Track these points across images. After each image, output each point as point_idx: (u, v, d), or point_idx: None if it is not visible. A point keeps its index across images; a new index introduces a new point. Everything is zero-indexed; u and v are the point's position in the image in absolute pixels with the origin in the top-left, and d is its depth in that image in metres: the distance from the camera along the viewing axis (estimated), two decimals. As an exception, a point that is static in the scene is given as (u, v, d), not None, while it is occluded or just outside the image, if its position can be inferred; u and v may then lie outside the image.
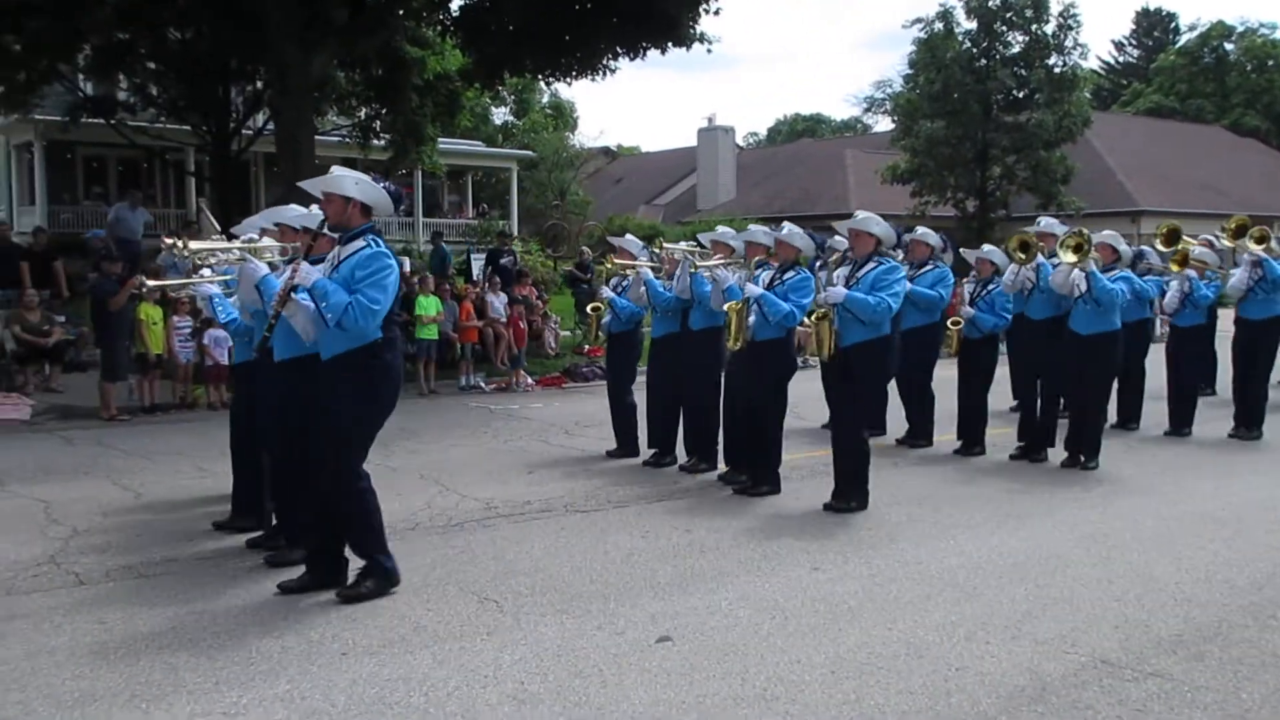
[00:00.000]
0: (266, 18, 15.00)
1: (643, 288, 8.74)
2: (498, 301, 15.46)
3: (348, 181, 5.33)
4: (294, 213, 6.44)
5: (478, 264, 20.51)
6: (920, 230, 10.03)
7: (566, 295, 20.50)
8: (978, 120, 29.86)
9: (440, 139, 23.14)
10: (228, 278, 6.57)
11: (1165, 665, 4.53)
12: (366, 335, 5.20)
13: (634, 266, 8.83)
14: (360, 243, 5.26)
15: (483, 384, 14.51)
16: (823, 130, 65.27)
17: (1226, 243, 9.59)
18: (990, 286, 9.26)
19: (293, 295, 5.14)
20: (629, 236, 9.95)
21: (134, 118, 21.18)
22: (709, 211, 38.89)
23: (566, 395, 14.08)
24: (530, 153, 35.85)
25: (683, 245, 9.18)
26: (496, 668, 4.47)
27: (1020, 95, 30.22)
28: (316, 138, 17.48)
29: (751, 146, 62.13)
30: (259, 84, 20.19)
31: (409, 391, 13.48)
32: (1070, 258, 8.26)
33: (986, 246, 9.92)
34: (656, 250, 8.98)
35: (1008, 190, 30.81)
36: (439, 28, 18.44)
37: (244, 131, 21.10)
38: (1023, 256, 8.54)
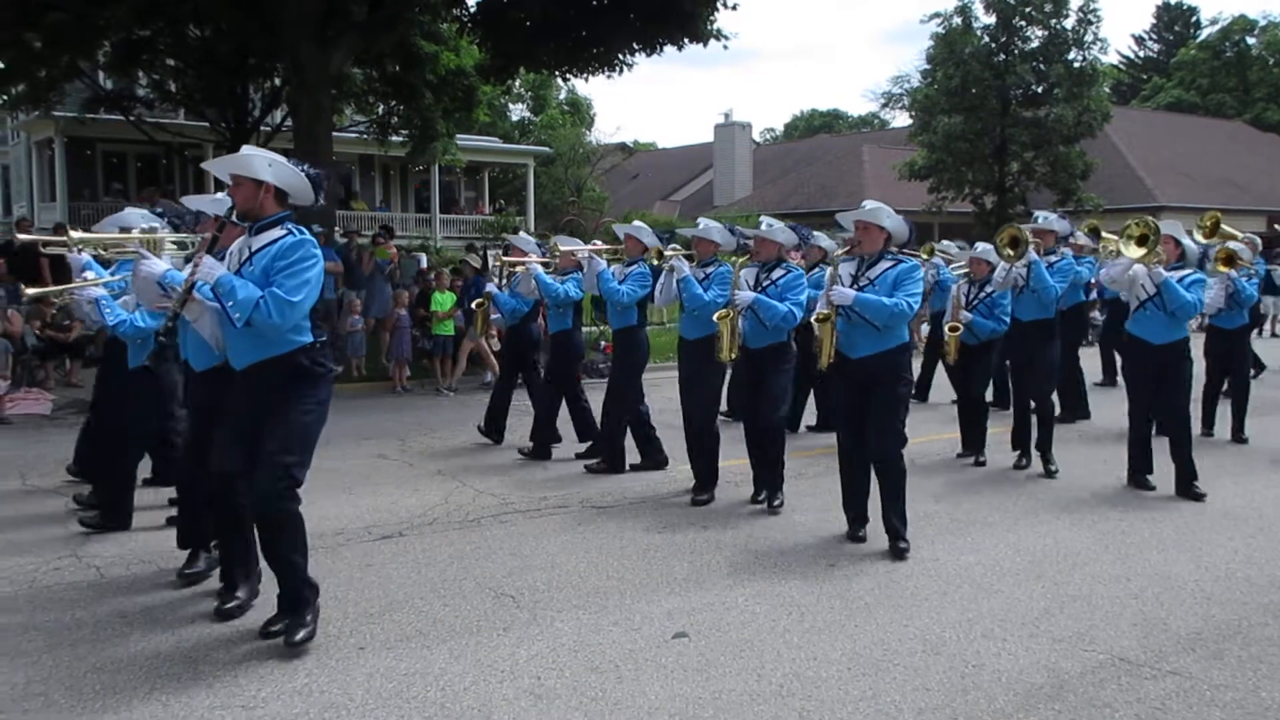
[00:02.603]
0: (284, 14, 15.06)
1: (533, 282, 8.91)
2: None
3: (258, 162, 4.67)
4: (135, 215, 6.01)
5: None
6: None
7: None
8: (996, 115, 29.72)
9: (457, 135, 23.20)
10: (114, 278, 6.18)
11: (1184, 663, 4.50)
12: (286, 338, 4.56)
13: (524, 263, 9.14)
14: (278, 231, 4.64)
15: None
16: (840, 126, 65.12)
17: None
18: (988, 288, 8.60)
19: (193, 293, 4.50)
20: (522, 234, 10.50)
21: (151, 113, 21.30)
22: (725, 207, 38.89)
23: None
24: (547, 149, 35.91)
25: (584, 246, 9.36)
26: (513, 663, 4.49)
27: (1039, 90, 30.04)
28: (334, 133, 17.56)
29: (768, 142, 62.02)
30: (277, 80, 20.28)
31: (426, 388, 13.58)
32: (1134, 251, 7.23)
33: (981, 245, 9.18)
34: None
35: (1026, 186, 30.65)
36: (456, 23, 18.48)
37: (262, 128, 21.21)
38: (1011, 253, 7.94)
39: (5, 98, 19.18)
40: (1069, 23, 29.58)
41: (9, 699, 4.12)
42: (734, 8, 16.90)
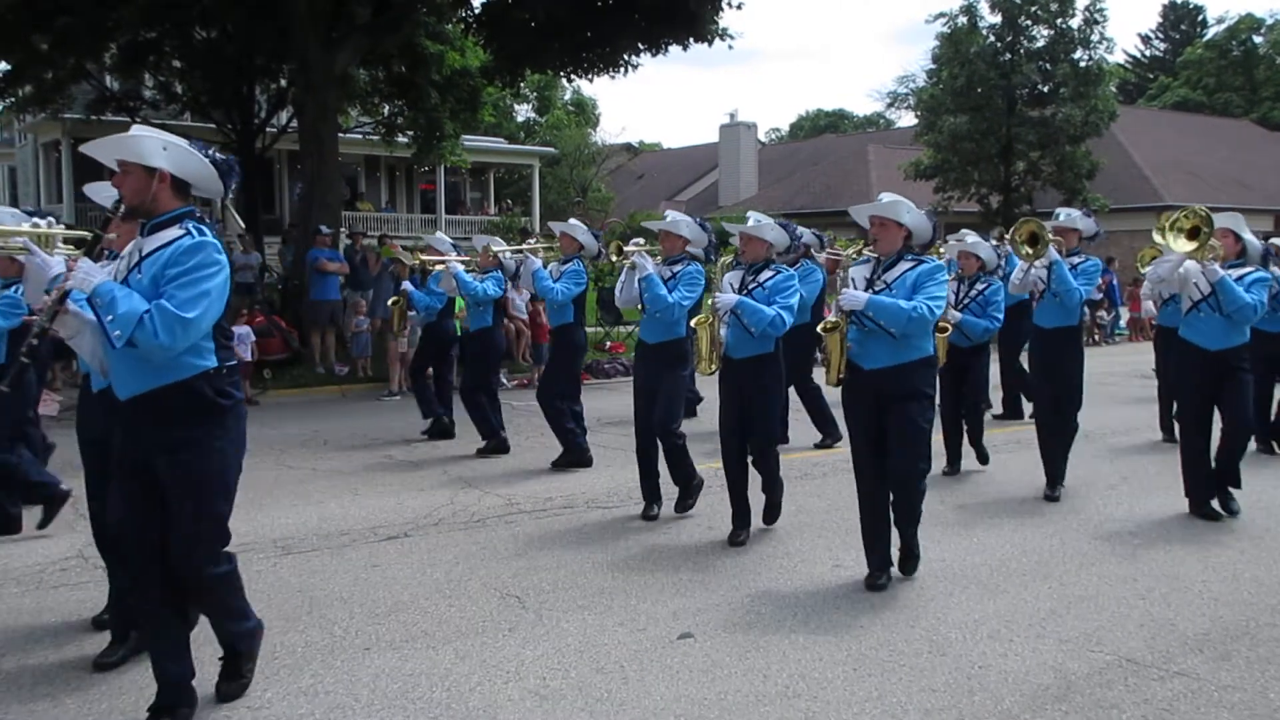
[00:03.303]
0: (291, 15, 15.08)
1: (453, 281, 9.11)
2: (519, 298, 15.50)
3: (149, 145, 3.83)
4: (4, 214, 5.23)
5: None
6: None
7: (589, 292, 20.52)
8: (1002, 115, 29.64)
9: (463, 135, 23.23)
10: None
11: (1191, 664, 4.49)
12: (182, 362, 3.69)
13: (443, 261, 9.36)
14: (175, 231, 3.75)
15: (505, 380, 14.55)
16: (845, 126, 65.05)
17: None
18: (979, 285, 8.03)
19: (66, 304, 3.67)
20: (438, 235, 10.69)
21: (158, 114, 21.35)
22: (731, 207, 38.86)
23: (588, 391, 14.04)
24: (552, 149, 35.95)
25: (504, 246, 9.53)
26: (519, 663, 4.49)
27: (1045, 90, 29.95)
28: (340, 134, 17.59)
29: (774, 142, 62.00)
30: (283, 81, 20.32)
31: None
32: (1183, 245, 6.47)
33: (970, 237, 8.50)
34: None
35: (1032, 186, 30.57)
36: (461, 24, 18.50)
37: (268, 129, 21.24)
38: (1029, 251, 7.08)
39: (13, 100, 19.25)
40: (1075, 22, 29.50)
41: (15, 699, 4.13)
42: (739, 7, 16.91)
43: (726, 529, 6.56)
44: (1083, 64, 29.47)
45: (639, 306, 6.80)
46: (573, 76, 19.15)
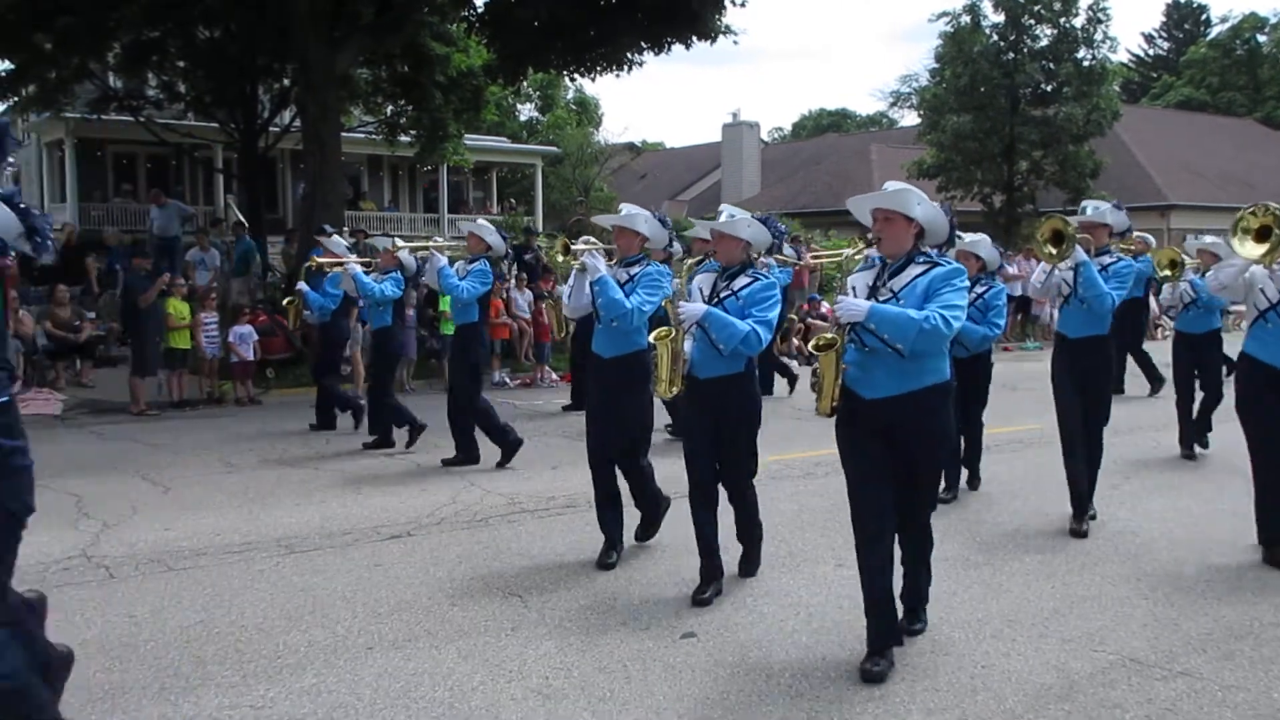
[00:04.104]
0: (292, 15, 15.09)
1: (352, 281, 9.30)
2: (521, 298, 15.52)
3: None
4: None
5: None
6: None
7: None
8: (1005, 114, 29.60)
9: (466, 135, 23.23)
10: None
11: (1195, 664, 4.48)
12: None
13: (342, 262, 9.56)
14: None
15: (508, 380, 14.56)
16: (848, 125, 64.97)
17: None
18: (979, 288, 7.22)
19: None
20: (334, 237, 10.81)
21: (161, 114, 21.38)
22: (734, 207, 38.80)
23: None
24: (555, 149, 35.91)
25: (404, 245, 9.59)
26: (521, 663, 4.49)
27: (1048, 89, 29.92)
28: (343, 134, 17.59)
29: (776, 141, 61.95)
30: (286, 81, 20.34)
31: (435, 388, 13.58)
32: (1251, 250, 5.65)
33: (969, 236, 7.55)
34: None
35: (1035, 185, 30.53)
36: (464, 23, 18.51)
37: (271, 128, 21.25)
38: (1053, 252, 6.23)
39: (16, 99, 19.27)
40: (1078, 21, 29.46)
41: (19, 698, 4.13)
42: (742, 4, 16.95)
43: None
44: (1086, 63, 29.44)
45: (594, 315, 5.92)
46: (575, 76, 19.16)
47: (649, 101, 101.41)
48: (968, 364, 7.21)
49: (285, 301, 10.68)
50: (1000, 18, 30.08)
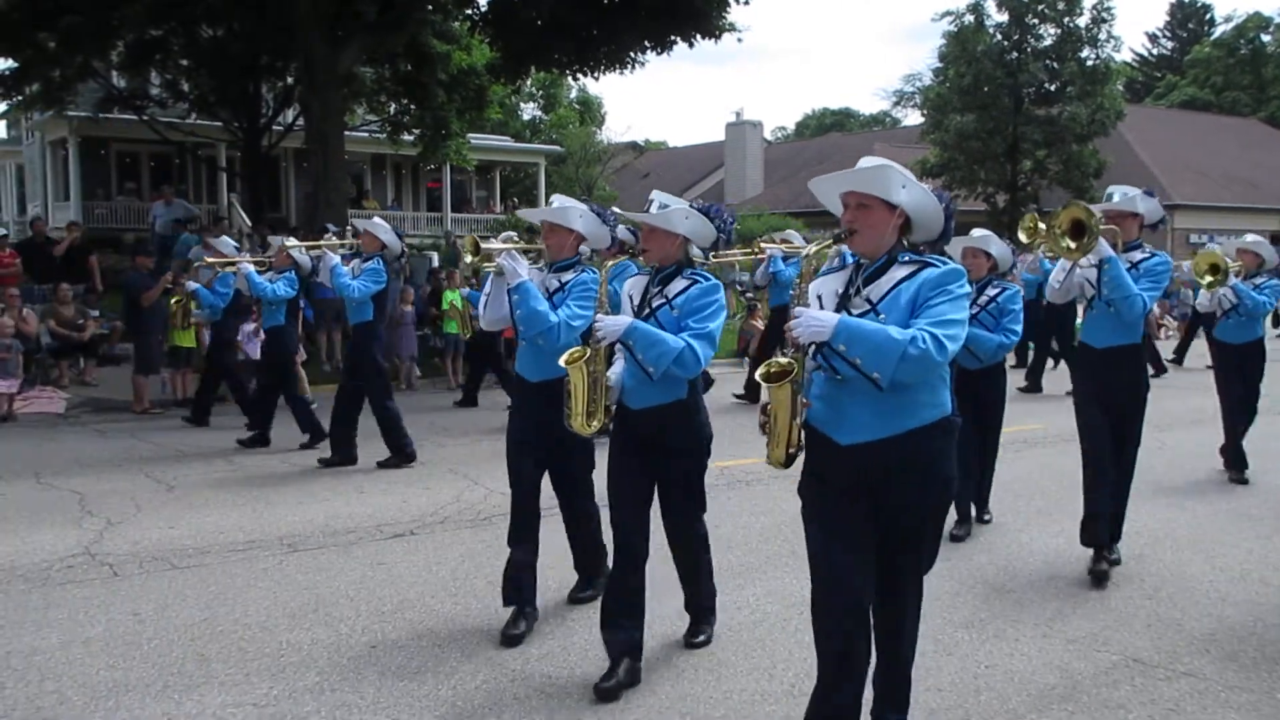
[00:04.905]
0: (296, 13, 15.11)
1: (246, 281, 9.27)
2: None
3: None
4: None
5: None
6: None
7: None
8: (1008, 114, 29.64)
9: (469, 134, 23.24)
10: None
11: (1198, 665, 4.48)
12: None
13: (234, 262, 9.58)
14: None
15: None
16: (851, 124, 64.98)
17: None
18: (991, 290, 6.31)
19: None
20: (224, 238, 10.78)
21: (165, 112, 21.41)
22: (737, 206, 38.82)
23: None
24: (558, 148, 35.91)
25: (297, 243, 9.64)
26: (524, 661, 4.49)
27: (1052, 88, 29.95)
28: (346, 133, 17.60)
29: (779, 141, 61.97)
30: (289, 79, 20.36)
31: (438, 386, 13.61)
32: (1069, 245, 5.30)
33: (977, 231, 6.68)
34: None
35: (1039, 184, 30.54)
36: (467, 22, 18.52)
37: (274, 127, 21.27)
38: (1073, 246, 5.28)
39: (20, 98, 19.31)
40: (1082, 20, 29.50)
41: (24, 696, 4.14)
42: (746, 3, 17.01)
43: (731, 527, 6.52)
44: (1090, 63, 29.47)
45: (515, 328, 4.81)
46: (579, 74, 19.17)
47: (652, 101, 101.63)
48: (980, 378, 6.35)
49: (174, 301, 10.75)
50: (1004, 17, 30.12)
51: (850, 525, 3.34)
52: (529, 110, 42.53)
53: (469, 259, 5.01)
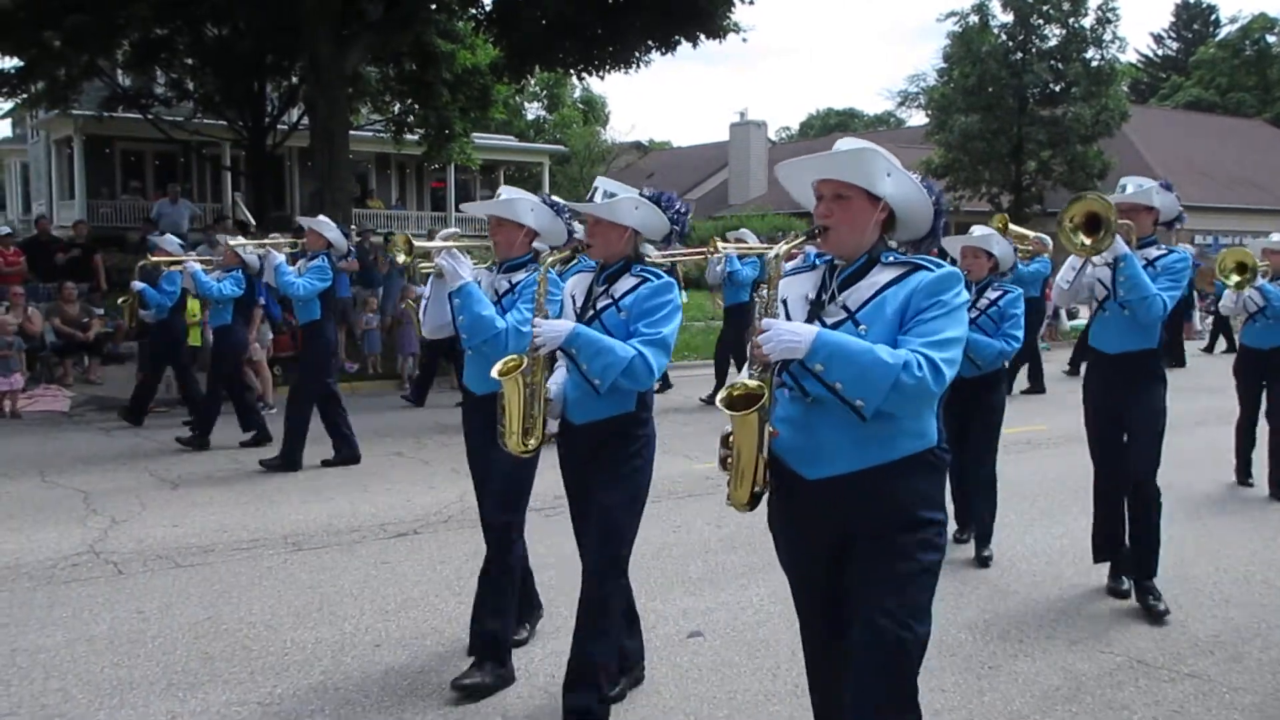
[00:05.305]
0: (301, 12, 15.13)
1: (192, 280, 9.22)
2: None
3: None
4: None
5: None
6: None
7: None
8: (1013, 114, 29.62)
9: (473, 133, 23.26)
10: None
11: (1202, 666, 4.47)
12: None
13: (180, 261, 9.51)
14: None
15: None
16: (856, 125, 64.92)
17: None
18: (992, 293, 5.88)
19: None
20: (168, 236, 10.70)
21: (170, 111, 21.45)
22: (741, 206, 38.85)
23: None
24: (562, 148, 35.94)
25: (244, 241, 9.60)
26: (528, 661, 4.49)
27: (1057, 89, 29.93)
28: (350, 132, 17.62)
29: (784, 141, 61.91)
30: (294, 79, 20.39)
31: (442, 386, 13.61)
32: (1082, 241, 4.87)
33: (978, 229, 6.25)
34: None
35: (1043, 185, 30.53)
36: (472, 21, 18.54)
37: (279, 126, 21.29)
38: (1086, 242, 4.86)
39: (25, 96, 19.34)
40: (1087, 21, 29.47)
41: (29, 693, 4.15)
42: (750, 2, 16.98)
43: (734, 526, 6.53)
44: (1095, 63, 29.45)
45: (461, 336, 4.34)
46: (583, 74, 19.18)
47: (656, 100, 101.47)
48: (978, 386, 5.82)
49: (120, 300, 10.73)
50: (1009, 17, 30.11)
51: (821, 571, 2.94)
52: (533, 110, 42.58)
53: (401, 259, 4.59)
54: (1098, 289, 5.12)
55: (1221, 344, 18.24)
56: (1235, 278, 7.23)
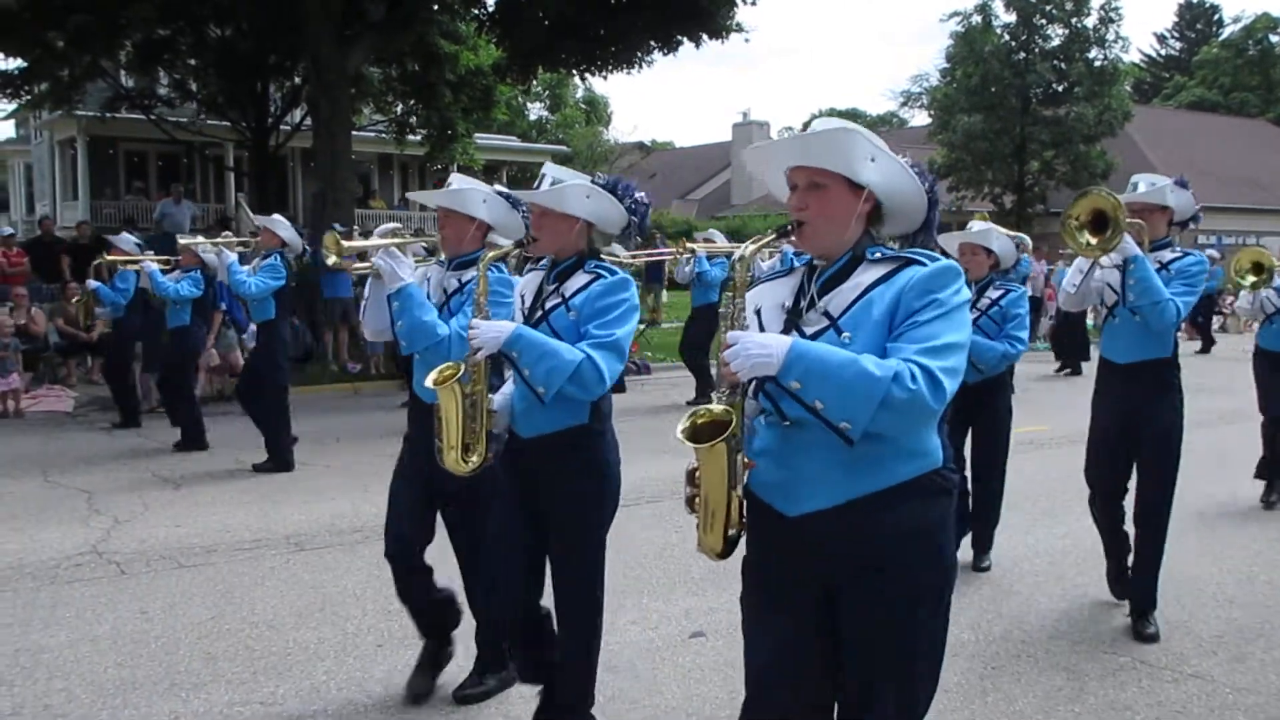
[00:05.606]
0: (304, 13, 15.15)
1: (149, 280, 9.17)
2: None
3: None
4: None
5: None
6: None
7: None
8: (1016, 114, 29.64)
9: (475, 134, 23.28)
10: None
11: (1206, 667, 4.47)
12: None
13: (137, 260, 9.45)
14: None
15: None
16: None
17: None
18: (993, 292, 5.55)
19: None
20: (124, 235, 10.59)
21: (173, 112, 21.48)
22: (744, 206, 38.84)
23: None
24: (564, 148, 35.95)
25: (203, 241, 9.51)
26: (530, 661, 4.48)
27: (1060, 89, 29.95)
28: (353, 133, 17.64)
29: (786, 141, 61.80)
30: (297, 79, 20.41)
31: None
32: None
33: (976, 224, 5.84)
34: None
35: (1046, 185, 30.52)
36: (474, 22, 18.55)
37: (282, 127, 21.31)
38: (1092, 242, 4.48)
39: (29, 97, 19.38)
40: (1090, 21, 29.49)
41: (32, 693, 4.15)
42: (753, 3, 16.96)
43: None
44: (1098, 63, 29.47)
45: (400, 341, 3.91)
46: (586, 74, 19.20)
47: (658, 101, 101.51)
48: (980, 392, 5.47)
49: (74, 300, 10.77)
50: (1012, 17, 30.13)
51: (797, 638, 2.45)
52: (536, 110, 42.63)
53: (332, 261, 4.20)
54: (1106, 294, 4.75)
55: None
56: (1251, 278, 6.98)
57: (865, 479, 2.35)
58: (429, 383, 3.43)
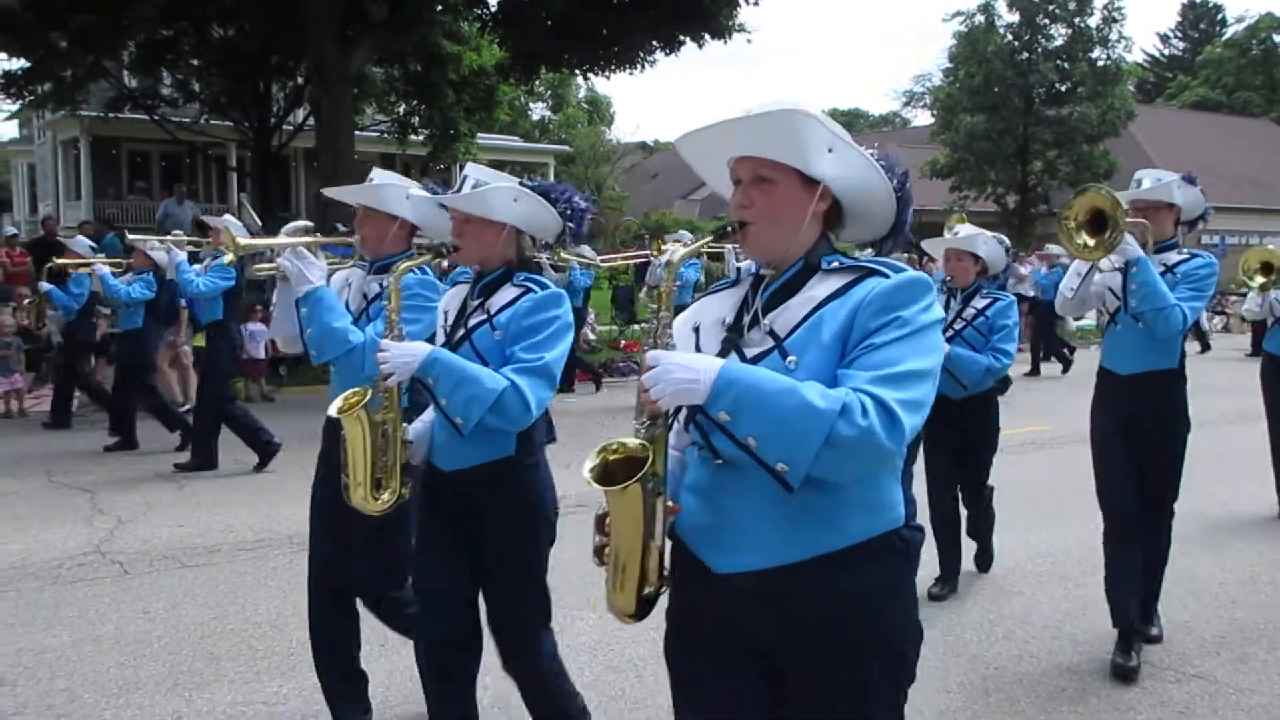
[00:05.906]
0: (307, 13, 15.16)
1: (101, 283, 9.11)
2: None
3: None
4: None
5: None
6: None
7: (604, 290, 20.54)
8: (1019, 114, 29.62)
9: (478, 134, 23.30)
10: None
11: (1209, 667, 4.46)
12: None
13: (90, 263, 9.44)
14: None
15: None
16: (861, 125, 64.82)
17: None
18: (979, 301, 5.22)
19: None
20: (78, 238, 10.75)
21: (176, 112, 21.50)
22: (746, 206, 38.71)
23: (609, 389, 14.10)
24: (567, 148, 35.98)
25: (154, 240, 9.49)
26: (532, 661, 4.48)
27: (1063, 89, 29.93)
28: (356, 133, 17.65)
29: (788, 141, 61.76)
30: (299, 79, 20.43)
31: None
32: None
33: (962, 228, 5.53)
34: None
35: (1049, 185, 30.50)
36: (477, 22, 18.56)
37: (285, 127, 21.33)
38: (1090, 243, 4.17)
39: (31, 97, 19.40)
40: (1093, 21, 29.47)
41: (35, 693, 4.16)
42: (755, 3, 16.95)
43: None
44: (1101, 63, 29.45)
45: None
46: (589, 74, 19.20)
47: (661, 101, 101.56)
48: (964, 409, 5.18)
49: (26, 301, 10.77)
50: (1014, 17, 30.12)
51: (741, 704, 2.11)
52: (538, 110, 42.62)
53: (228, 259, 3.85)
54: (1108, 299, 4.42)
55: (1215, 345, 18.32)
56: (1260, 278, 6.75)
57: (807, 538, 1.95)
58: (332, 411, 3.08)
